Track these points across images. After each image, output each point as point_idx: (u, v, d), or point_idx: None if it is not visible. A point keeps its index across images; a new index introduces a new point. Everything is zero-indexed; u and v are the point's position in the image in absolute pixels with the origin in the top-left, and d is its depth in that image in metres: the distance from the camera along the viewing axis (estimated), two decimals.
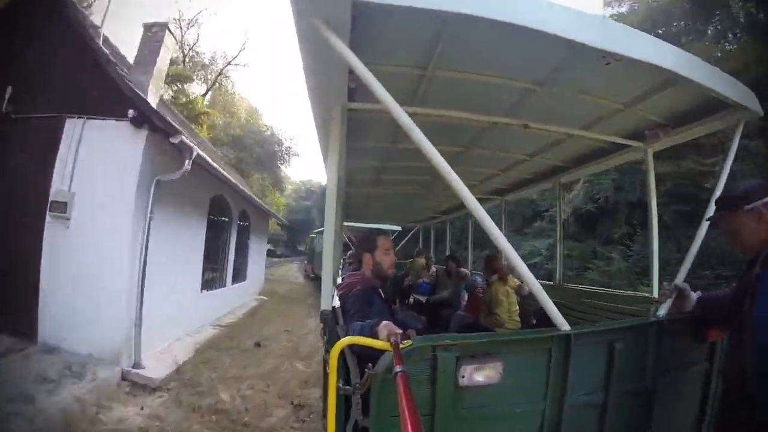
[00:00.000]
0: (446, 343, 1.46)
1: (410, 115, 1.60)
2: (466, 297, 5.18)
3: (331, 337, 1.89)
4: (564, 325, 1.64)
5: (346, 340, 1.50)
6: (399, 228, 11.89)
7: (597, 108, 2.57)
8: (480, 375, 1.50)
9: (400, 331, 1.50)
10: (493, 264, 4.20)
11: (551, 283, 4.29)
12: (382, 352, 1.47)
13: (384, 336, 1.50)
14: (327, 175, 2.28)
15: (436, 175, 1.66)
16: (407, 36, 1.88)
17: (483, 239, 7.60)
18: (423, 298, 6.21)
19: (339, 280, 2.88)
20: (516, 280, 4.10)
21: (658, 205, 2.96)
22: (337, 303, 2.33)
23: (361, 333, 1.64)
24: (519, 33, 1.57)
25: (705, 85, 2.02)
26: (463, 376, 1.47)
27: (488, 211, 1.66)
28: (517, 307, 3.97)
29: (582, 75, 2.15)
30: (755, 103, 2.23)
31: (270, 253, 46.75)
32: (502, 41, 1.82)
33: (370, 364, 1.45)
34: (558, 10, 1.62)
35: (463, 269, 5.82)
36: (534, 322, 3.75)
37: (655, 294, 2.73)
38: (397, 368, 1.17)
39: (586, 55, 1.76)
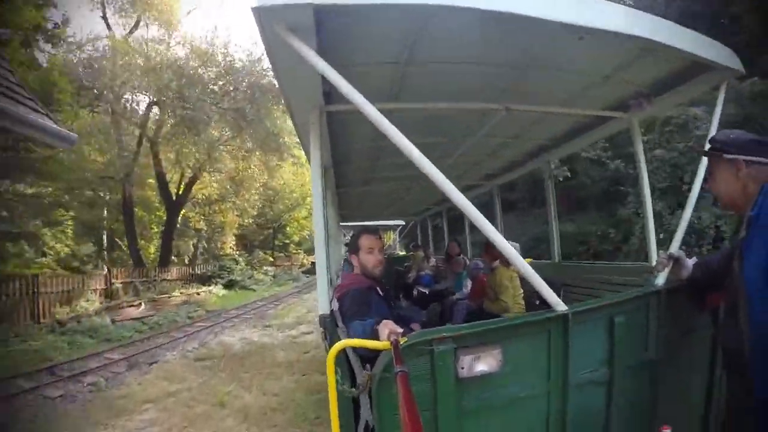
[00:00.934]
0: (442, 336, 1.45)
1: (390, 111, 1.60)
2: (469, 285, 5.18)
3: (332, 341, 1.88)
4: (559, 305, 1.63)
5: (341, 344, 1.49)
6: (402, 222, 11.91)
7: (577, 83, 2.55)
8: (480, 364, 1.49)
9: (401, 330, 1.50)
10: (493, 250, 4.18)
11: (548, 261, 4.28)
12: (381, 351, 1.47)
13: (385, 336, 1.49)
14: (312, 178, 2.27)
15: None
16: (377, 33, 1.86)
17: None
18: (426, 290, 6.23)
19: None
20: None
21: None
22: (335, 305, 2.33)
23: (362, 333, 1.64)
24: (487, 18, 1.55)
25: (684, 49, 2.00)
26: (463, 368, 1.46)
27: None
28: (521, 291, 3.97)
29: (557, 52, 2.12)
30: (737, 62, 2.21)
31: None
32: (472, 28, 1.80)
33: (368, 365, 1.44)
34: None
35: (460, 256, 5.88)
36: (537, 303, 3.75)
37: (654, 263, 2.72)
38: (398, 368, 1.16)
39: (558, 32, 1.73)
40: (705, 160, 2.14)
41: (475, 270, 4.71)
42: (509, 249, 1.66)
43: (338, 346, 1.47)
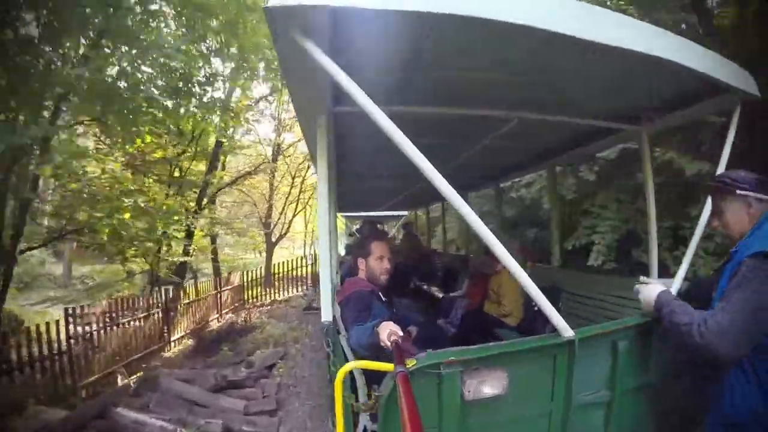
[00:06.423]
0: (450, 360, 1.45)
1: (398, 114, 1.58)
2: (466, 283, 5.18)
3: (335, 350, 1.87)
4: (567, 331, 1.62)
5: (349, 366, 1.49)
6: (406, 213, 11.91)
7: (587, 93, 2.49)
8: (485, 388, 1.50)
9: (401, 332, 1.51)
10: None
11: (550, 266, 4.28)
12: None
13: (385, 337, 1.51)
14: (318, 181, 2.23)
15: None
16: (389, 38, 1.80)
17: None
18: (423, 284, 6.27)
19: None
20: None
21: None
22: (338, 311, 2.32)
23: (362, 336, 1.66)
24: (501, 29, 1.50)
25: (698, 69, 1.95)
26: (469, 391, 1.47)
27: None
28: (522, 298, 3.92)
29: (569, 64, 2.06)
30: (752, 85, 2.16)
31: None
32: (485, 37, 1.74)
33: (375, 385, 1.44)
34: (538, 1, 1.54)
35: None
36: (536, 308, 3.74)
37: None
38: (398, 368, 1.17)
39: (571, 44, 1.68)
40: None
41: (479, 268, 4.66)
42: (509, 259, 1.57)
43: (346, 368, 1.47)
